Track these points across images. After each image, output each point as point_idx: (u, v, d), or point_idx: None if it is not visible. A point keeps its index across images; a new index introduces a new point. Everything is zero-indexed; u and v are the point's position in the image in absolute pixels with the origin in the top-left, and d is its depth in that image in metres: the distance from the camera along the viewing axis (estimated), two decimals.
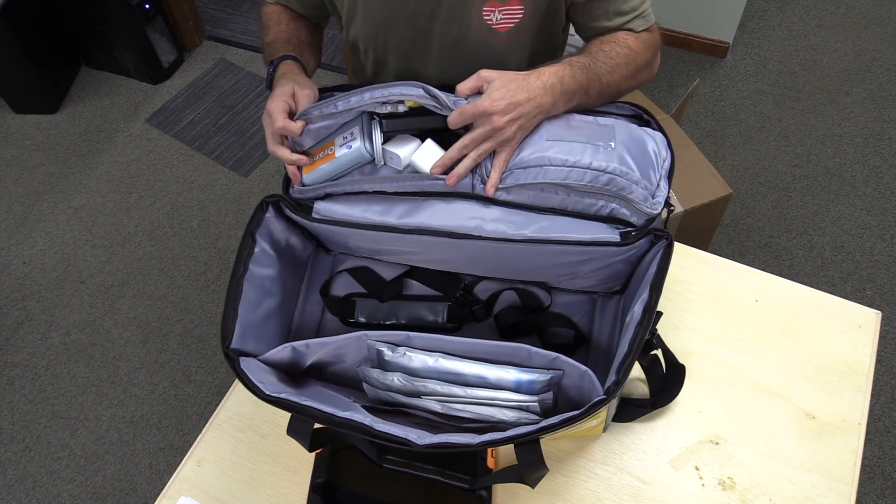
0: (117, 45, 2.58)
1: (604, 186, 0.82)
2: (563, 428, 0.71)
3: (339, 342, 0.83)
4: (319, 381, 0.91)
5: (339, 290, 1.05)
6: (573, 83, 0.87)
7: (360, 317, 1.02)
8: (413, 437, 0.72)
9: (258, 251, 0.89)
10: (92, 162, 2.45)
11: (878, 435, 1.70)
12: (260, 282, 0.89)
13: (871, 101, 2.39)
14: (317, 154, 0.91)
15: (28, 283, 2.14)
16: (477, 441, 0.72)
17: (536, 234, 0.85)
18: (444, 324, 1.00)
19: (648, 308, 0.76)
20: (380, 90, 0.84)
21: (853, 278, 1.97)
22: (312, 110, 0.88)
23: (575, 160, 0.82)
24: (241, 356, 0.81)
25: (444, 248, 0.90)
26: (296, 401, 0.75)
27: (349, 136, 0.88)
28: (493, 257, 0.92)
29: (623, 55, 0.94)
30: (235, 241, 2.19)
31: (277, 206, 0.93)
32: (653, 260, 0.83)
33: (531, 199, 0.85)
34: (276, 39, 1.06)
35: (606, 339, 0.96)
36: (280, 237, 0.95)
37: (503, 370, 0.79)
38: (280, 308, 0.95)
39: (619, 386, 0.72)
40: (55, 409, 1.89)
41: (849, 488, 0.87)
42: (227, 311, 0.83)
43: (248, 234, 0.89)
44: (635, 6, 0.97)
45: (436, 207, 0.88)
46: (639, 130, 0.89)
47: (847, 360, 0.96)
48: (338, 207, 0.91)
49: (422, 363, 0.81)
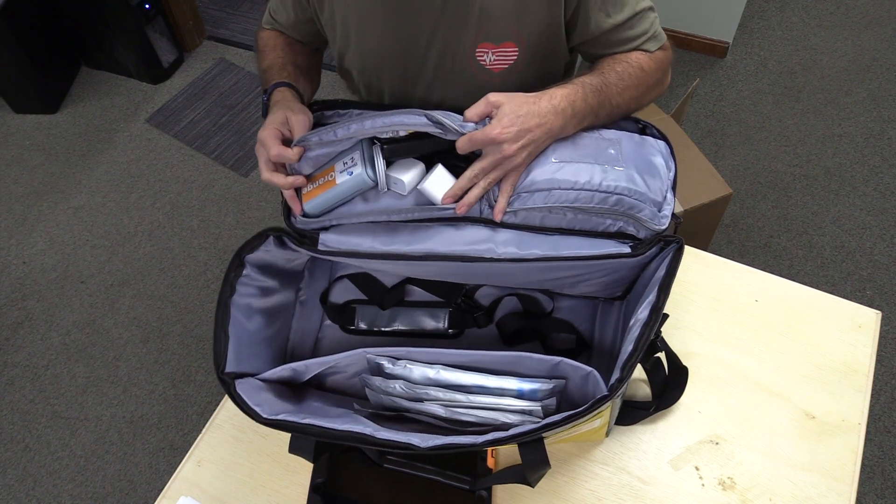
0: (117, 45, 2.58)
1: (612, 207, 0.82)
2: (566, 425, 0.71)
3: (339, 359, 0.83)
4: (320, 391, 0.90)
5: (338, 296, 1.04)
6: (584, 106, 0.85)
7: (360, 324, 1.01)
8: (416, 441, 0.72)
9: (247, 272, 0.87)
10: (92, 162, 2.45)
11: (878, 435, 1.70)
12: (249, 300, 0.87)
13: (871, 101, 2.39)
14: (316, 180, 0.88)
15: (28, 283, 2.14)
16: (481, 440, 0.72)
17: (548, 253, 0.84)
18: (446, 330, 1.00)
19: (655, 308, 0.76)
20: (381, 119, 0.80)
21: (853, 278, 1.97)
22: (311, 137, 0.85)
23: (584, 182, 0.81)
24: (237, 378, 0.80)
25: (453, 270, 0.89)
26: (294, 420, 0.75)
27: (349, 161, 0.85)
28: (502, 274, 0.91)
29: (635, 76, 0.92)
30: (236, 240, 2.19)
31: (280, 239, 0.90)
32: (661, 263, 0.83)
33: (539, 221, 0.85)
34: (271, 66, 1.03)
35: (609, 343, 0.96)
36: (274, 259, 0.92)
37: (505, 381, 0.79)
38: (276, 321, 0.94)
39: (622, 383, 0.72)
40: (55, 409, 1.89)
41: (849, 488, 0.87)
42: (218, 333, 0.81)
43: (238, 257, 0.86)
44: (646, 29, 0.94)
45: (445, 234, 0.86)
46: (643, 142, 0.89)
47: (847, 360, 0.96)
48: (344, 238, 0.88)
49: (422, 374, 0.80)
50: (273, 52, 1.06)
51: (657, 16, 0.96)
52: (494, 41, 0.92)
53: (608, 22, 0.91)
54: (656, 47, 0.96)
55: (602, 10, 0.91)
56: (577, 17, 0.92)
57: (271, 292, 0.92)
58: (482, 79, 0.96)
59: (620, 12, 0.91)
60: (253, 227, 2.22)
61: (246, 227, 2.22)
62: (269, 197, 2.29)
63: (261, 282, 0.90)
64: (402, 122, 0.80)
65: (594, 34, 0.93)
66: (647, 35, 0.94)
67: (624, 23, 0.92)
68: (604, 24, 0.92)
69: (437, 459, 0.87)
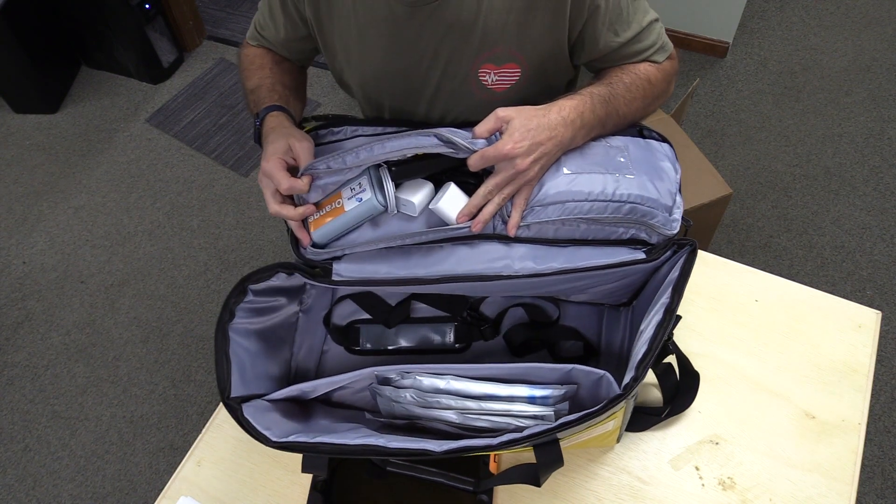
0: (117, 45, 2.58)
1: (626, 215, 0.82)
2: (581, 425, 0.71)
3: (347, 379, 0.82)
4: (327, 406, 0.89)
5: (341, 317, 1.02)
6: (592, 117, 0.85)
7: (366, 344, 0.99)
8: (431, 447, 0.71)
9: (248, 299, 0.86)
10: (92, 162, 2.45)
11: (878, 435, 1.70)
12: (248, 325, 0.86)
13: (871, 101, 2.39)
14: (323, 207, 0.85)
15: (28, 283, 2.14)
16: (496, 442, 0.71)
17: (564, 266, 0.83)
18: (453, 345, 0.99)
19: (669, 309, 0.76)
20: (391, 143, 0.79)
21: (853, 278, 1.97)
22: (318, 164, 0.83)
23: (597, 192, 0.81)
24: (244, 402, 0.79)
25: (470, 288, 0.88)
26: (306, 440, 0.74)
27: (357, 187, 0.83)
28: (517, 288, 0.90)
29: (642, 88, 0.91)
30: (235, 240, 2.19)
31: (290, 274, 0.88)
32: (673, 266, 0.82)
33: (553, 234, 0.84)
34: (259, 86, 1.00)
35: (616, 349, 0.96)
36: (279, 283, 0.90)
37: (516, 388, 0.78)
38: (278, 338, 0.93)
39: (636, 382, 0.71)
40: (55, 409, 1.89)
41: (849, 488, 0.87)
42: (219, 358, 0.80)
43: (241, 285, 0.85)
44: (654, 41, 0.93)
45: (460, 253, 0.84)
46: (649, 147, 0.89)
47: (847, 360, 0.96)
48: (358, 266, 0.86)
49: (432, 385, 0.80)
50: (261, 71, 1.02)
51: (662, 25, 0.95)
52: (496, 62, 0.91)
53: (616, 41, 0.91)
54: (664, 58, 0.95)
55: (610, 30, 0.90)
56: (584, 38, 0.91)
57: (273, 310, 0.91)
58: (484, 97, 0.95)
59: (628, 30, 0.91)
60: (253, 226, 2.22)
61: (246, 227, 2.22)
62: None
63: (262, 303, 0.89)
64: (413, 145, 0.79)
65: (602, 53, 0.92)
66: (654, 47, 0.94)
67: (632, 38, 0.91)
68: (612, 43, 0.91)
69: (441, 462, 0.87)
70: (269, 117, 0.94)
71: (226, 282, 2.10)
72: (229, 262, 2.15)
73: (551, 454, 0.72)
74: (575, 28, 0.89)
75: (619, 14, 0.89)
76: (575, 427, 0.71)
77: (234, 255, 2.16)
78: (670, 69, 0.96)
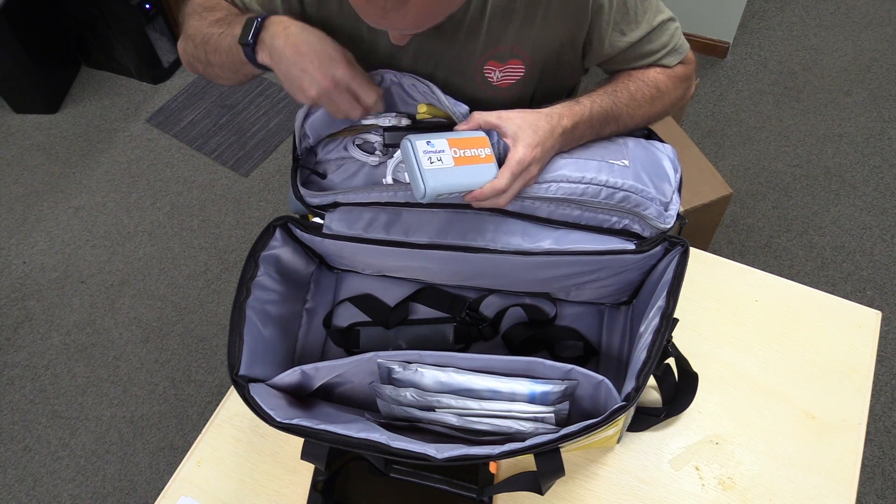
0: (117, 44, 2.58)
1: (618, 203, 0.82)
2: (583, 436, 0.71)
3: (350, 364, 0.82)
4: (328, 403, 0.90)
5: (341, 319, 1.03)
6: (588, 130, 0.84)
7: (366, 345, 1.00)
8: (432, 452, 0.72)
9: (261, 274, 0.88)
10: (92, 162, 2.45)
11: (878, 435, 1.70)
12: (263, 305, 0.88)
13: (871, 101, 2.39)
14: (462, 148, 0.76)
15: (28, 283, 2.14)
16: (497, 451, 0.71)
17: (552, 246, 0.84)
18: (452, 345, 0.99)
19: (666, 314, 0.77)
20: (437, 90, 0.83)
21: (853, 278, 1.97)
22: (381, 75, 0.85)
23: (591, 177, 0.81)
24: (250, 382, 0.80)
25: (456, 262, 0.89)
26: (309, 425, 0.74)
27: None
28: (506, 270, 0.91)
29: (649, 95, 0.89)
30: (236, 240, 2.19)
31: (286, 228, 0.91)
32: (667, 267, 0.83)
33: (547, 214, 0.85)
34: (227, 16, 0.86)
35: (616, 349, 0.96)
36: (284, 259, 0.93)
37: (516, 382, 0.78)
38: (285, 330, 0.94)
39: (638, 392, 0.72)
40: (55, 409, 1.89)
41: (849, 488, 0.87)
42: (233, 336, 0.81)
43: (252, 257, 0.87)
44: (665, 42, 0.90)
45: (448, 218, 0.86)
46: (650, 145, 0.89)
47: (847, 360, 0.96)
48: (349, 222, 0.89)
49: (433, 379, 0.80)
50: (226, 8, 0.88)
51: (678, 25, 0.92)
52: (500, 60, 0.90)
53: (623, 41, 0.89)
54: (676, 61, 0.92)
55: (616, 30, 0.88)
56: (592, 38, 0.89)
57: (282, 301, 0.93)
58: (489, 93, 0.95)
59: (636, 29, 0.88)
60: (253, 226, 2.22)
61: (246, 227, 2.22)
62: (269, 197, 2.29)
63: (273, 287, 0.90)
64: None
65: (610, 54, 0.90)
66: (666, 49, 0.91)
67: (641, 39, 0.89)
68: (619, 44, 0.89)
69: (444, 468, 0.87)
70: (275, 18, 0.80)
71: (226, 282, 2.10)
72: (229, 262, 2.15)
73: (552, 464, 0.72)
74: (582, 28, 0.88)
75: (624, 13, 0.87)
76: (576, 438, 0.71)
77: (234, 255, 2.16)
78: (683, 74, 0.94)
